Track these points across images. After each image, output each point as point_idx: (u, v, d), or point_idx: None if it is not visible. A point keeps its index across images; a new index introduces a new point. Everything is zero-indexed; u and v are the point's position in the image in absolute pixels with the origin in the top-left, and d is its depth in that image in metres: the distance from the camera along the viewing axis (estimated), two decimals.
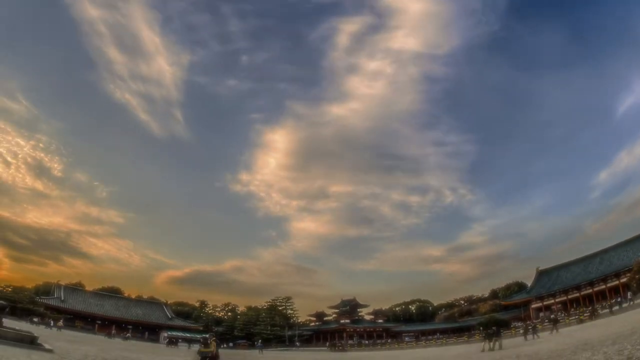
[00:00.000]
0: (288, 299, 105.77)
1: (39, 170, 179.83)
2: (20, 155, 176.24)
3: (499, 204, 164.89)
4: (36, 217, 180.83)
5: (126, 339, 59.11)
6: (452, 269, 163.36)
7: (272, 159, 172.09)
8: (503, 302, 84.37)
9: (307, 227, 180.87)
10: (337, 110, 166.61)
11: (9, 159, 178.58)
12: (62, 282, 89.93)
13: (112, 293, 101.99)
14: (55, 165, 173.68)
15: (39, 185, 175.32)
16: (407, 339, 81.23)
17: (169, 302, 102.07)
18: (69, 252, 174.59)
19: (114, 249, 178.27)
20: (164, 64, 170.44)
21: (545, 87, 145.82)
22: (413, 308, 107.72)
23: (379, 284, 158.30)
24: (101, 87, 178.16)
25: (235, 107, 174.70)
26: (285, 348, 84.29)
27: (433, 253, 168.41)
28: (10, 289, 76.54)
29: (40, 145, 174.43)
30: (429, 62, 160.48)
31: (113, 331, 68.52)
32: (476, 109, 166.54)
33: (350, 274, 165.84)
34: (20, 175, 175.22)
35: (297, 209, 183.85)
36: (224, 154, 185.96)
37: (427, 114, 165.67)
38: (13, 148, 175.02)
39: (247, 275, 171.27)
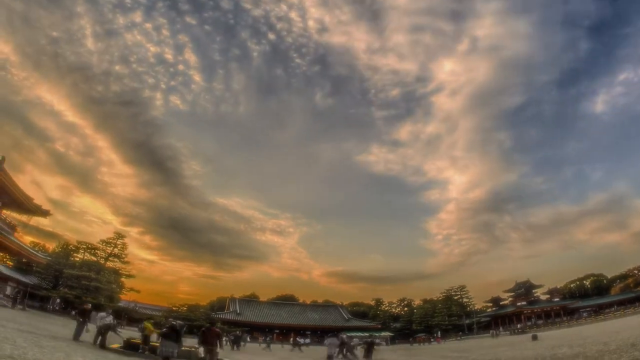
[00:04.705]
0: (462, 287, 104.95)
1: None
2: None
3: None
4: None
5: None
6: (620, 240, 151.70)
7: None
8: None
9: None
10: None
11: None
12: (237, 296, 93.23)
13: (285, 301, 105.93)
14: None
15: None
16: (584, 314, 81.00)
17: (344, 304, 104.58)
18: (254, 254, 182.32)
19: (289, 256, 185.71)
20: None
21: None
22: (587, 283, 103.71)
23: (552, 263, 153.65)
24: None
25: None
26: (465, 336, 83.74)
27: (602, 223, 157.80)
28: (185, 308, 78.57)
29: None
30: None
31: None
32: None
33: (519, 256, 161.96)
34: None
35: None
36: None
37: None
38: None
39: (415, 270, 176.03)
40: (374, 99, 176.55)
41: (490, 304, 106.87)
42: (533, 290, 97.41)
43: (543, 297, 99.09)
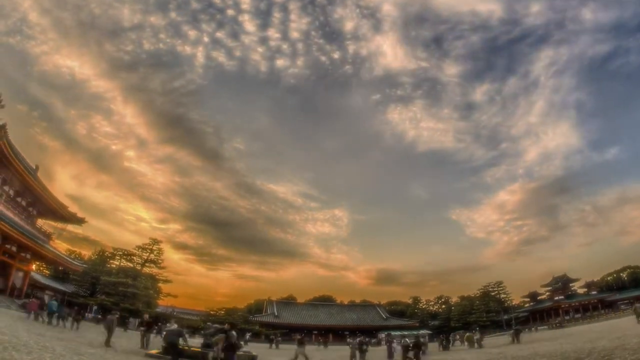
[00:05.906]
0: (499, 283, 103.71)
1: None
2: None
3: None
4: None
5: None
6: None
7: None
8: None
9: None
10: None
11: None
12: (275, 298, 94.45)
13: (323, 302, 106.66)
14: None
15: None
16: (622, 306, 78.29)
17: (381, 303, 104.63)
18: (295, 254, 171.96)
19: (338, 250, 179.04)
20: None
21: None
22: (624, 275, 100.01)
23: (605, 253, 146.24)
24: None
25: None
26: (503, 332, 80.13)
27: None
28: (223, 312, 79.07)
29: None
30: None
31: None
32: None
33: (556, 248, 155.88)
34: None
35: None
36: None
37: None
38: None
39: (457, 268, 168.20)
40: (449, 48, 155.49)
41: (528, 299, 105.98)
42: (570, 284, 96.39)
43: (580, 291, 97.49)
